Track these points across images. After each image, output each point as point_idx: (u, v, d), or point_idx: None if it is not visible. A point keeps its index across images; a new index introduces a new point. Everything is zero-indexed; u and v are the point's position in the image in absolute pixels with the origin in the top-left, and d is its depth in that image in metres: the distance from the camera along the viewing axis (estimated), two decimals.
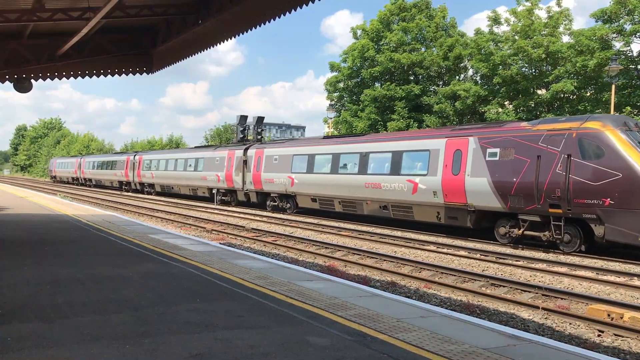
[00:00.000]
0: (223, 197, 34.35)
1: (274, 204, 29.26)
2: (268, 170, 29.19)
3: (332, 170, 24.95)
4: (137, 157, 47.82)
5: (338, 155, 24.95)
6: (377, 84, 44.11)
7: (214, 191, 35.35)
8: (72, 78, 15.05)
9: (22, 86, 14.58)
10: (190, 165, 38.08)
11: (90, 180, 61.38)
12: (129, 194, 47.92)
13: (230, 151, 33.48)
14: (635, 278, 12.91)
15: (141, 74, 15.52)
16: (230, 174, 32.62)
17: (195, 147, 46.21)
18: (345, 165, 24.49)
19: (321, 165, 25.89)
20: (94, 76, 15.05)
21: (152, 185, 45.14)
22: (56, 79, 14.94)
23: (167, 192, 42.89)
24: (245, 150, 31.91)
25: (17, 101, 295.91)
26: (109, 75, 15.18)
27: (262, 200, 30.76)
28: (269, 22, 10.10)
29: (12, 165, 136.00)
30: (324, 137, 30.15)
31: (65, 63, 14.45)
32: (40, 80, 14.75)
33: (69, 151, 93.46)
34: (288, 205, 28.38)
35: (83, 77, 15.06)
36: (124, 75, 15.37)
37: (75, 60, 14.40)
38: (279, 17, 9.75)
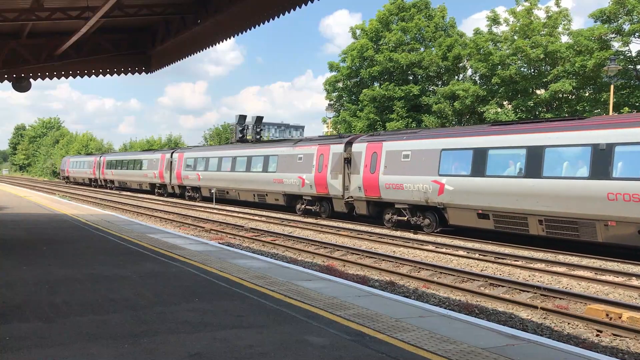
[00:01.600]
0: (309, 207, 26.85)
1: (401, 218, 21.58)
2: (392, 172, 21.52)
3: (530, 173, 16.86)
4: (176, 154, 40.60)
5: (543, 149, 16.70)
6: (376, 84, 44.12)
7: (285, 198, 28.37)
8: (70, 77, 15.04)
9: (21, 86, 14.57)
10: (256, 164, 30.75)
11: (112, 182, 54.67)
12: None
13: (323, 146, 26.01)
14: (633, 278, 12.92)
15: (140, 74, 15.51)
16: (324, 176, 25.22)
17: (262, 141, 39.77)
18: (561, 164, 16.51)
19: (499, 165, 18.13)
20: (93, 76, 15.04)
21: (197, 189, 37.48)
22: (55, 79, 14.94)
23: (220, 197, 34.53)
24: (348, 144, 24.60)
25: (16, 101, 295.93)
26: (108, 75, 15.17)
27: (376, 212, 23.23)
28: (268, 21, 10.09)
29: (10, 164, 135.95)
30: (493, 124, 21.58)
31: (64, 62, 14.43)
32: (39, 79, 14.75)
33: (67, 150, 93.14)
34: (426, 221, 20.66)
35: (82, 77, 15.05)
36: (122, 75, 15.36)
37: (74, 59, 14.39)
38: (278, 17, 9.75)
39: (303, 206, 27.09)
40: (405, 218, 21.22)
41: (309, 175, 26.12)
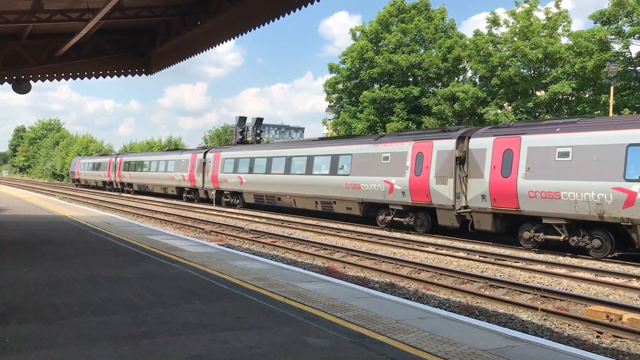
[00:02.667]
0: (398, 218, 21.74)
1: (552, 237, 16.66)
2: (540, 175, 16.66)
3: None
4: (210, 154, 35.82)
5: None
6: (375, 86, 44.13)
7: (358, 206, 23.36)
8: (70, 79, 15.03)
9: (21, 87, 14.56)
10: (320, 165, 25.97)
11: (129, 185, 49.87)
12: (120, 194, 47.68)
13: (421, 142, 20.81)
14: (634, 279, 12.91)
15: (140, 75, 15.50)
16: (424, 180, 20.10)
17: (328, 138, 35.55)
18: None
19: None
20: (93, 77, 15.04)
21: (237, 194, 32.95)
22: (55, 80, 14.92)
23: (270, 204, 30.25)
24: (461, 139, 19.50)
25: (16, 102, 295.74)
26: (108, 76, 15.16)
27: (506, 227, 18.28)
28: (268, 23, 10.09)
29: (10, 166, 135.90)
30: None
31: (64, 64, 14.43)
32: (39, 81, 14.73)
33: (67, 152, 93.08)
34: (596, 242, 15.68)
35: (82, 78, 15.04)
36: (122, 76, 15.35)
37: (74, 61, 14.38)
38: (278, 19, 9.75)
39: (389, 217, 22.00)
40: (561, 237, 16.25)
41: (401, 179, 21.06)
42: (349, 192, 23.61)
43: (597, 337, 8.74)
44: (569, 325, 9.31)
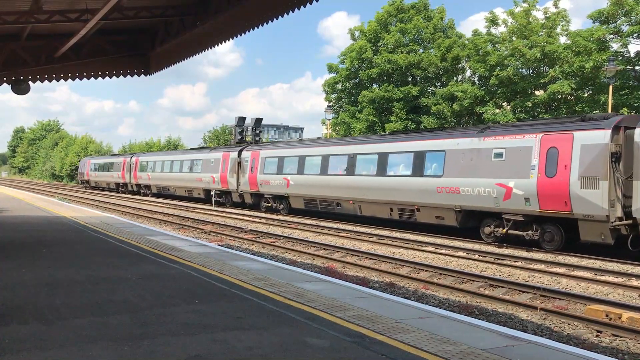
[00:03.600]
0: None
1: None
2: None
3: None
4: (247, 152, 31.78)
5: None
6: (375, 86, 44.13)
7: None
8: (70, 80, 15.02)
9: (20, 88, 14.55)
10: (396, 164, 21.98)
11: (147, 187, 46.01)
12: (131, 195, 47.59)
13: (558, 135, 16.62)
14: (633, 278, 12.92)
15: (139, 76, 15.50)
16: (562, 183, 16.10)
17: (412, 131, 31.91)
18: None
19: None
20: (92, 78, 15.03)
21: (282, 198, 28.61)
22: (54, 81, 14.90)
23: (325, 210, 26.01)
24: (617, 129, 15.63)
25: (15, 103, 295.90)
26: (107, 77, 15.15)
27: None
28: (267, 23, 10.10)
29: (9, 167, 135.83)
30: None
31: (63, 65, 14.43)
32: (38, 82, 14.72)
33: (66, 152, 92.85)
34: None
35: (81, 79, 15.03)
36: (122, 77, 15.34)
37: (73, 61, 14.38)
38: (277, 19, 9.76)
39: (502, 230, 17.80)
40: None
41: (524, 181, 16.98)
42: (441, 197, 19.56)
43: (597, 336, 8.75)
44: (568, 324, 9.32)
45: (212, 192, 35.11)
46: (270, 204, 29.58)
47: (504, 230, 17.72)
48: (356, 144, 24.73)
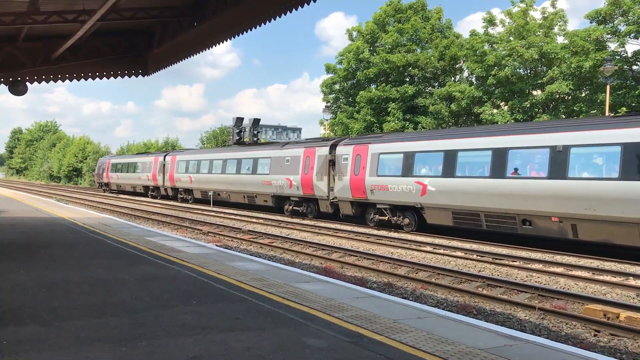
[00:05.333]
0: None
1: None
2: None
3: None
4: (347, 148, 24.27)
5: None
6: (372, 86, 44.16)
7: None
8: (67, 81, 15.00)
9: (17, 89, 14.53)
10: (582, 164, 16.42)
11: (188, 192, 38.88)
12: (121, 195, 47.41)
13: None
14: (631, 278, 12.95)
15: (137, 77, 15.49)
16: None
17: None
18: None
19: None
20: (90, 79, 15.01)
21: (416, 212, 21.16)
22: (51, 82, 14.89)
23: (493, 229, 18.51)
24: None
25: (13, 104, 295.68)
26: (105, 78, 15.14)
27: None
28: (264, 24, 10.10)
29: (7, 168, 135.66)
30: None
31: (61, 66, 14.41)
32: (35, 83, 14.70)
33: (64, 153, 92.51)
34: None
35: (78, 80, 15.01)
36: (119, 77, 15.33)
37: (70, 63, 14.36)
38: (274, 19, 9.76)
39: None
40: None
41: None
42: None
43: (595, 335, 8.76)
44: (566, 323, 9.34)
45: (291, 199, 28.11)
46: (386, 217, 22.25)
47: None
48: (496, 134, 18.74)
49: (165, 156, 42.63)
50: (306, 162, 26.69)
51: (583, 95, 33.69)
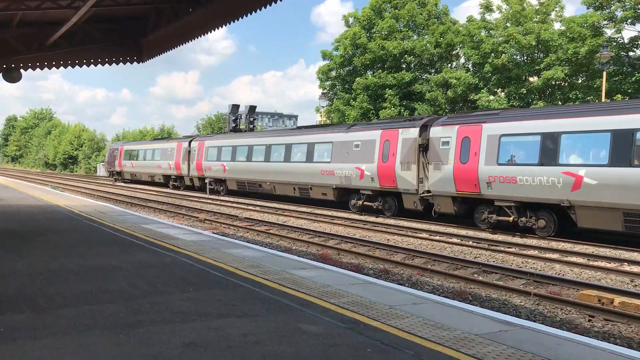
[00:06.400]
0: None
1: None
2: None
3: None
4: (441, 128, 20.01)
5: None
6: (369, 73, 44.02)
7: None
8: (62, 68, 14.92)
9: (12, 76, 14.46)
10: None
11: (220, 181, 34.66)
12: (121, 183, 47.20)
13: None
14: (625, 264, 13.03)
15: (131, 63, 15.40)
16: None
17: None
18: None
19: None
20: (84, 66, 14.94)
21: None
22: (46, 69, 14.81)
23: None
24: None
25: (7, 92, 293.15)
26: (99, 65, 15.06)
27: None
28: (259, 10, 10.03)
29: (2, 156, 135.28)
30: None
31: (55, 53, 14.32)
32: (29, 70, 14.63)
33: (59, 141, 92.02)
34: None
35: (73, 67, 14.93)
36: (114, 64, 15.24)
37: (64, 49, 14.28)
38: (270, 5, 9.70)
39: None
40: None
41: None
42: None
43: (589, 320, 8.82)
44: (561, 309, 9.40)
45: (362, 193, 23.51)
46: (510, 218, 17.64)
47: None
48: None
49: (190, 142, 38.50)
50: (385, 147, 22.07)
51: (579, 81, 33.66)
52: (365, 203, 23.36)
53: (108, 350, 4.92)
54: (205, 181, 35.63)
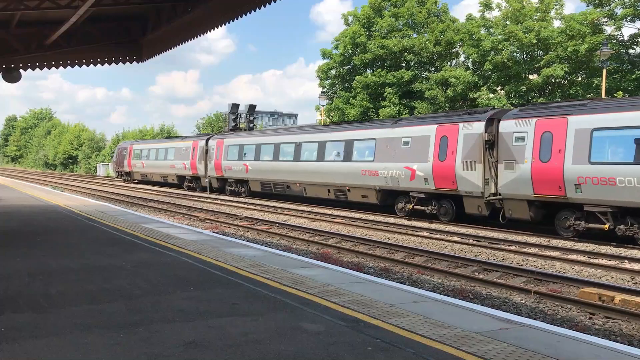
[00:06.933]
0: None
1: None
2: None
3: None
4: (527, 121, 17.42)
5: None
6: (369, 71, 43.98)
7: None
8: (61, 67, 14.92)
9: (11, 76, 14.46)
10: None
11: (241, 183, 32.25)
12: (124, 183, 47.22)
13: None
14: (626, 261, 13.02)
15: (131, 63, 15.41)
16: None
17: None
18: None
19: None
20: (84, 65, 14.93)
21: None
22: (45, 69, 14.82)
23: None
24: None
25: (6, 91, 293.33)
26: (99, 65, 15.06)
27: None
28: (259, 8, 10.03)
29: (2, 156, 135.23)
30: None
31: (55, 52, 14.32)
32: (29, 69, 14.64)
33: (59, 141, 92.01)
34: None
35: (72, 67, 14.93)
36: (114, 64, 15.25)
37: (64, 49, 14.27)
38: (269, 4, 9.69)
39: None
40: None
41: None
42: None
43: (590, 318, 8.82)
44: (562, 307, 9.39)
45: (412, 195, 21.10)
46: (605, 226, 15.43)
47: None
48: None
49: (208, 140, 36.00)
50: (442, 144, 19.78)
51: (579, 79, 33.64)
52: (415, 207, 21.13)
53: (109, 349, 4.92)
54: (228, 182, 33.48)
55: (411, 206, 21.19)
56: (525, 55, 35.35)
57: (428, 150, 20.14)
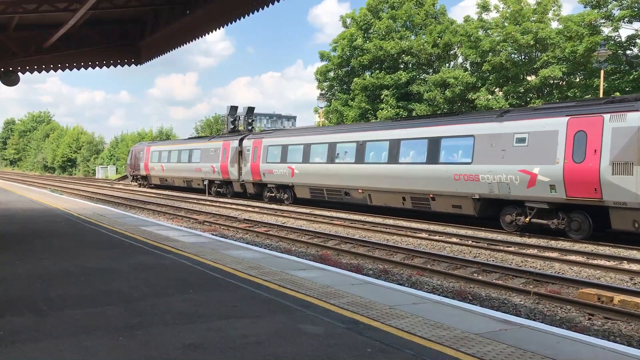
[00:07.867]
0: None
1: None
2: None
3: None
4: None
5: None
6: (367, 73, 44.04)
7: None
8: (60, 70, 14.93)
9: (10, 79, 14.45)
10: None
11: (285, 188, 28.73)
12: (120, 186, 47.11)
13: None
14: (624, 262, 13.04)
15: (129, 66, 15.42)
16: None
17: None
18: None
19: None
20: (82, 68, 14.94)
21: None
22: (44, 72, 14.82)
23: None
24: None
25: (5, 95, 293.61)
26: (97, 67, 15.07)
27: None
28: (257, 11, 10.05)
29: (0, 159, 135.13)
30: None
31: (53, 55, 14.33)
32: (27, 73, 14.63)
33: (57, 144, 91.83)
34: None
35: (71, 70, 14.94)
36: (112, 67, 15.26)
37: (62, 52, 14.28)
38: (267, 6, 9.71)
39: None
40: None
41: None
42: None
43: (589, 319, 8.83)
44: (561, 308, 9.40)
45: (527, 205, 17.24)
46: None
47: None
48: None
49: (241, 140, 32.25)
50: (577, 142, 15.86)
51: (577, 80, 33.69)
52: (533, 220, 17.20)
53: (108, 352, 4.91)
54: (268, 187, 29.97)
55: (527, 219, 17.27)
56: (523, 57, 35.41)
57: (556, 149, 16.21)
